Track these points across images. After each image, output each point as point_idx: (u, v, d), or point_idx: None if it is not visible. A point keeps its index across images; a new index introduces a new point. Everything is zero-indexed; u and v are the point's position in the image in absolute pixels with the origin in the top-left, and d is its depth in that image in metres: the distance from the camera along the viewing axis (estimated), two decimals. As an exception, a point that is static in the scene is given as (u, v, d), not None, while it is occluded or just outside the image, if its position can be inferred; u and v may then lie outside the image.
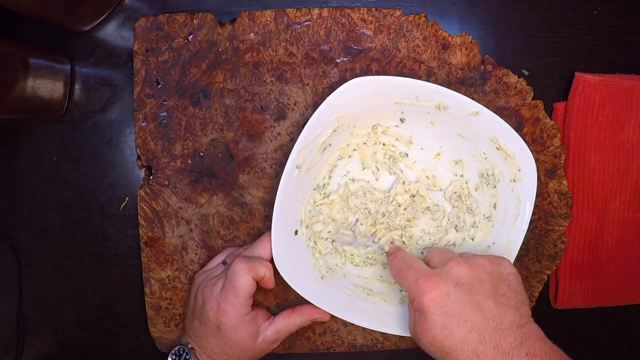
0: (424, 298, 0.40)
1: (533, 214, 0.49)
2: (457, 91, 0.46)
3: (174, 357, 0.47)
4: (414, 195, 0.53)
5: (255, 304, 0.52)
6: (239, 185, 0.53)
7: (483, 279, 0.41)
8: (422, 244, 0.53)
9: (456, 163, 0.52)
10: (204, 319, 0.48)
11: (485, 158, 0.50)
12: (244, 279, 0.46)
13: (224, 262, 0.51)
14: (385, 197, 0.53)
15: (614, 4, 0.53)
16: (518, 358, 0.37)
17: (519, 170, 0.48)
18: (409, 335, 0.50)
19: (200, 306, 0.48)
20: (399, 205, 0.53)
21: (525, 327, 0.39)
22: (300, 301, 0.51)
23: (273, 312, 0.53)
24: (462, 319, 0.39)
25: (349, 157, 0.52)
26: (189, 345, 0.48)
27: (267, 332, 0.49)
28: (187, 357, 0.47)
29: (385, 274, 0.53)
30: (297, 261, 0.49)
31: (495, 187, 0.50)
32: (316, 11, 0.51)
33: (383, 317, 0.50)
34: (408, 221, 0.53)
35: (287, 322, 0.50)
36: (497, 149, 0.48)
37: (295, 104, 0.52)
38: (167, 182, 0.53)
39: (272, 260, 0.48)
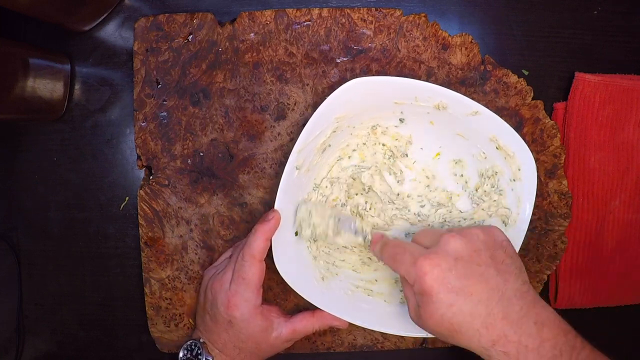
0: (425, 278, 0.38)
1: (533, 214, 0.49)
2: (457, 91, 0.46)
3: (185, 352, 0.47)
4: (429, 177, 0.53)
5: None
6: (239, 185, 0.53)
7: (480, 249, 0.40)
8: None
9: (456, 163, 0.52)
10: (214, 314, 0.47)
11: (485, 158, 0.50)
12: (252, 267, 0.46)
13: (231, 257, 0.51)
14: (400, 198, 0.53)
15: (614, 4, 0.53)
16: (527, 327, 0.37)
17: (519, 170, 0.48)
18: (409, 335, 0.51)
19: (211, 302, 0.48)
20: (418, 194, 0.53)
21: (528, 293, 0.39)
22: (300, 301, 0.51)
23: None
24: (467, 292, 0.38)
25: (349, 157, 0.52)
26: (201, 340, 0.48)
27: (283, 329, 0.48)
28: (198, 351, 0.47)
29: (378, 275, 0.53)
30: (297, 262, 0.49)
31: (494, 186, 0.50)
32: (316, 11, 0.51)
33: (383, 317, 0.50)
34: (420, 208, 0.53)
35: (306, 324, 0.49)
36: (497, 148, 0.48)
37: (295, 104, 0.52)
38: (167, 182, 0.53)
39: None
